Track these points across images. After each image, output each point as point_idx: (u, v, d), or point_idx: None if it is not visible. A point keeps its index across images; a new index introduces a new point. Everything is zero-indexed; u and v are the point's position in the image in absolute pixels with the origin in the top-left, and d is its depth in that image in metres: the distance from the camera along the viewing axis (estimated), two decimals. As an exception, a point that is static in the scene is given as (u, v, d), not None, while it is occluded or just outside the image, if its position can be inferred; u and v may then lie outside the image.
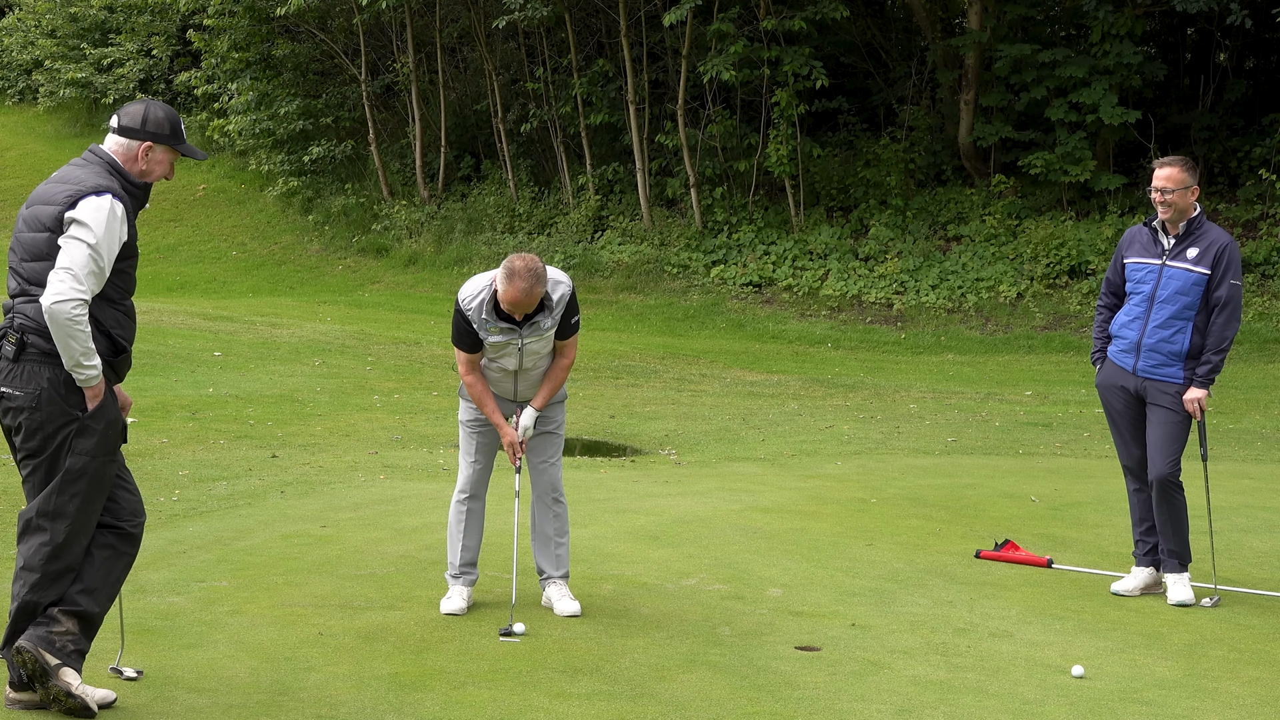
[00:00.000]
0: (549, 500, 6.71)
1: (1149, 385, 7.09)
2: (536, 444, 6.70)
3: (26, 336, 4.90)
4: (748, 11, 22.32)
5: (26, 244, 4.98)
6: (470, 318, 6.37)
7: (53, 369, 4.89)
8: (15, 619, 4.96)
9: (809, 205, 22.66)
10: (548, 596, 6.67)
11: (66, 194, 4.94)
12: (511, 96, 26.20)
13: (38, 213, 4.99)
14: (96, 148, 5.16)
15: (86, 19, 31.75)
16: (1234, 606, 7.02)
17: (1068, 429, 12.92)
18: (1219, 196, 21.19)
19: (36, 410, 4.90)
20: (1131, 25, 20.25)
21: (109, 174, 5.06)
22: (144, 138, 5.15)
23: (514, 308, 6.25)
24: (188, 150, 5.29)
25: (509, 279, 6.18)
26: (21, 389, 4.90)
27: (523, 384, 6.63)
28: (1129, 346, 7.15)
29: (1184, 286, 7.00)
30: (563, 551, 6.71)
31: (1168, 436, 7.08)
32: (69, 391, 4.91)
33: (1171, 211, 7.02)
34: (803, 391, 15.34)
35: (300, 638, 6.05)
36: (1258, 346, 18.05)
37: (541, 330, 6.43)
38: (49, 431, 4.91)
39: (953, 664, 5.98)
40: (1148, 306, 7.08)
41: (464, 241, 24.59)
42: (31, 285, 4.93)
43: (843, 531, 8.47)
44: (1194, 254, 7.02)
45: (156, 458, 10.42)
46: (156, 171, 5.23)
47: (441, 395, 14.32)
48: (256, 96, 27.04)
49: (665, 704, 5.37)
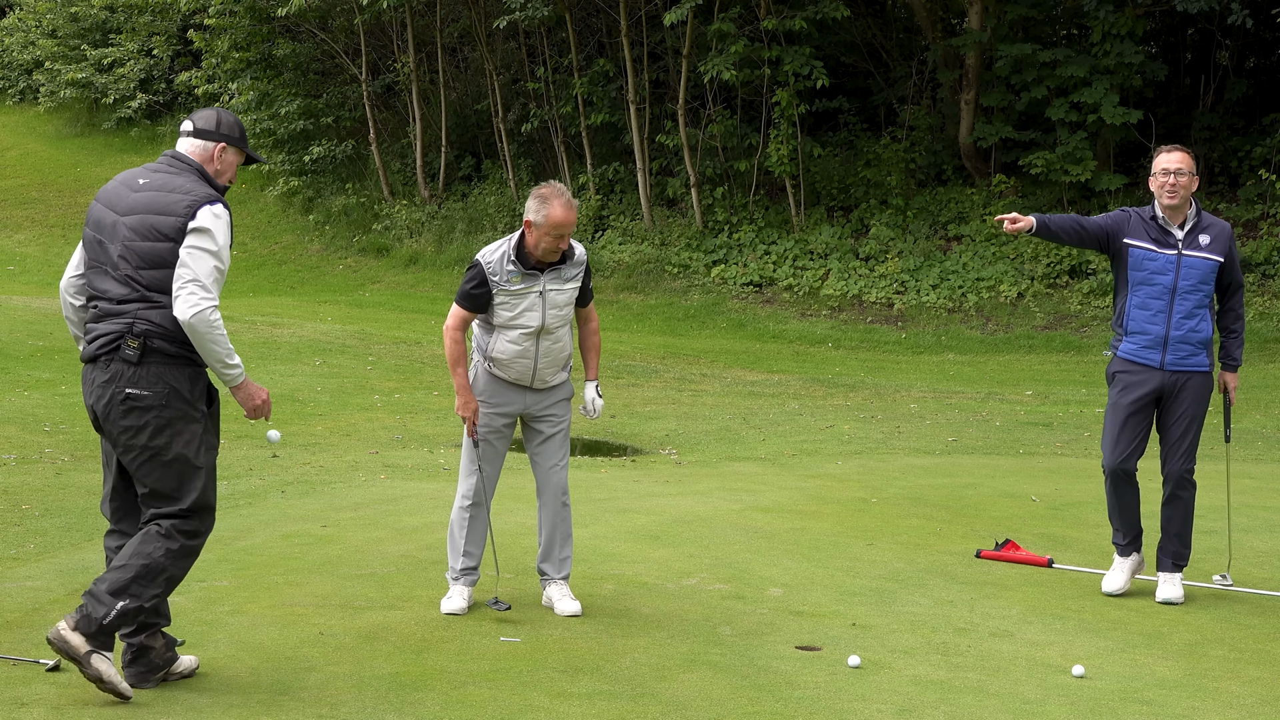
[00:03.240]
0: (558, 504, 6.67)
1: (1179, 379, 7.01)
2: (548, 448, 6.66)
3: (150, 340, 5.16)
4: (748, 11, 22.32)
5: (143, 253, 5.19)
6: (491, 270, 6.33)
7: (177, 369, 5.19)
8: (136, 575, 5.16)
9: (809, 205, 22.66)
10: (548, 596, 6.66)
11: (185, 204, 5.19)
12: (512, 96, 26.20)
13: (153, 222, 5.20)
14: (179, 154, 5.40)
15: (87, 19, 31.75)
16: (1235, 606, 7.02)
17: (1068, 429, 12.92)
18: (1219, 196, 21.19)
19: (166, 408, 5.17)
20: (1132, 25, 20.24)
21: (203, 180, 5.33)
22: (218, 139, 5.41)
23: (563, 228, 6.23)
24: (253, 154, 5.58)
25: (545, 201, 6.23)
26: (150, 389, 5.16)
27: (543, 361, 6.50)
28: (1154, 341, 7.01)
29: (1205, 275, 6.96)
30: (567, 554, 6.70)
31: (1192, 432, 7.06)
32: (193, 390, 5.24)
33: (1179, 197, 6.93)
34: (803, 391, 15.33)
35: (301, 637, 6.05)
36: (1258, 346, 18.05)
37: (563, 279, 6.41)
38: (177, 429, 5.19)
39: (953, 664, 5.98)
40: (1170, 299, 6.97)
41: (465, 241, 24.59)
42: (152, 292, 5.17)
43: (843, 531, 8.47)
44: (1206, 241, 6.99)
45: (157, 457, 10.41)
46: (227, 173, 5.46)
47: (442, 395, 14.32)
48: (257, 96, 27.04)
49: (665, 704, 5.37)
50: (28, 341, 15.74)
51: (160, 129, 30.81)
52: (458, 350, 6.49)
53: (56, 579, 6.88)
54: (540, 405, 6.63)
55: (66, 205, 28.44)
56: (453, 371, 6.53)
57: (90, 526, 8.09)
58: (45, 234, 27.26)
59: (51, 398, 12.83)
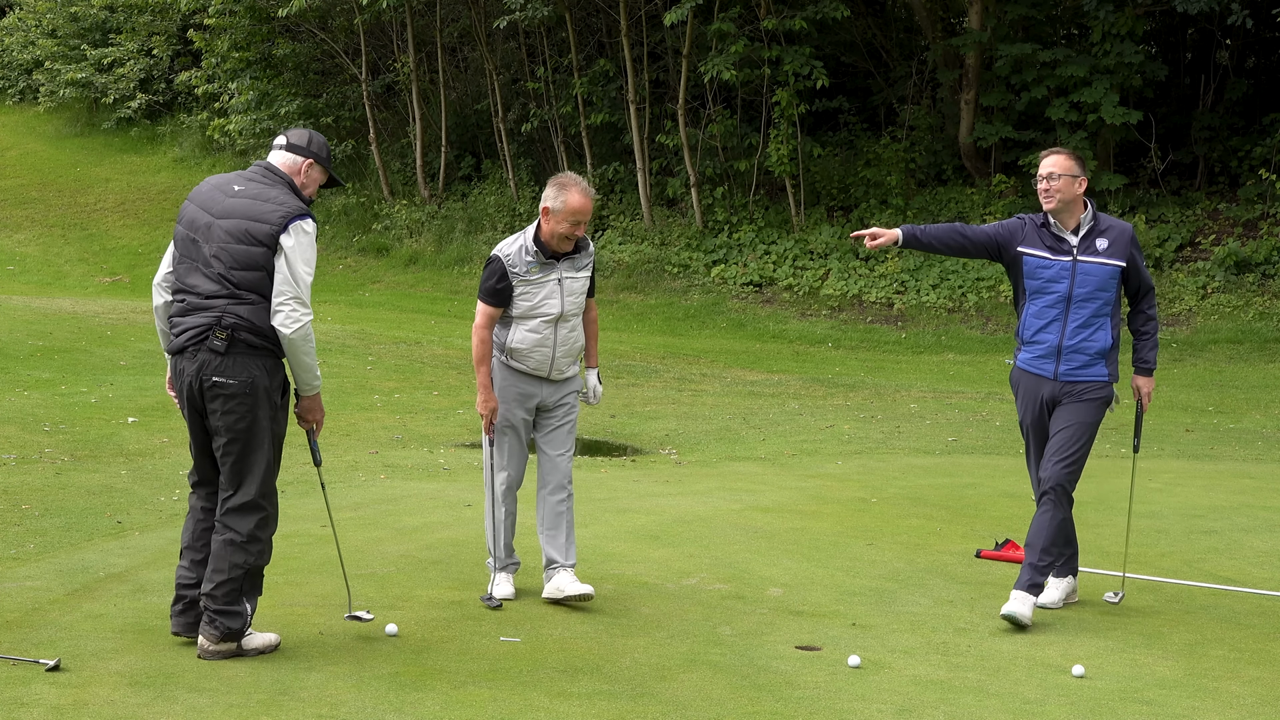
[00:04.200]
0: (563, 492, 6.78)
1: (1067, 389, 6.66)
2: (557, 436, 6.80)
3: (237, 333, 5.63)
4: (748, 11, 22.32)
5: (237, 254, 5.67)
6: (510, 263, 6.53)
7: (260, 360, 5.68)
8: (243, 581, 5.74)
9: (809, 205, 22.66)
10: (557, 584, 6.65)
11: (279, 215, 5.68)
12: (512, 96, 26.19)
13: (249, 228, 5.67)
14: (272, 166, 5.90)
15: (87, 19, 31.72)
16: (1234, 606, 7.02)
17: (1068, 429, 12.91)
18: (1219, 196, 21.19)
19: (250, 395, 5.66)
20: (1132, 25, 20.24)
21: (292, 193, 5.82)
22: (308, 155, 5.93)
23: (580, 215, 6.45)
24: (334, 176, 6.07)
25: (563, 189, 6.46)
26: (235, 378, 5.65)
27: (560, 350, 6.67)
28: (1048, 351, 6.69)
29: (1102, 281, 6.61)
30: (573, 542, 6.78)
31: (1073, 439, 6.61)
32: (272, 381, 5.72)
33: (1056, 201, 6.57)
34: (803, 391, 15.33)
35: (300, 637, 6.06)
36: (1258, 346, 18.05)
37: (577, 267, 6.64)
38: (256, 415, 5.68)
39: (953, 663, 5.98)
40: (1064, 307, 6.64)
41: (464, 241, 24.59)
42: (241, 290, 5.65)
43: (843, 531, 8.47)
44: (1104, 246, 6.62)
45: (157, 457, 10.42)
46: (311, 188, 5.94)
47: (442, 395, 14.32)
48: (257, 96, 27.03)
49: (665, 704, 5.37)
50: (28, 341, 15.74)
51: (160, 129, 30.80)
52: (484, 349, 6.64)
53: (56, 579, 6.88)
54: (555, 396, 6.78)
55: (66, 205, 28.44)
56: (477, 369, 6.66)
57: (90, 526, 8.09)
58: (45, 234, 27.25)
59: (51, 398, 12.83)
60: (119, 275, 25.19)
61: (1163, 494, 9.81)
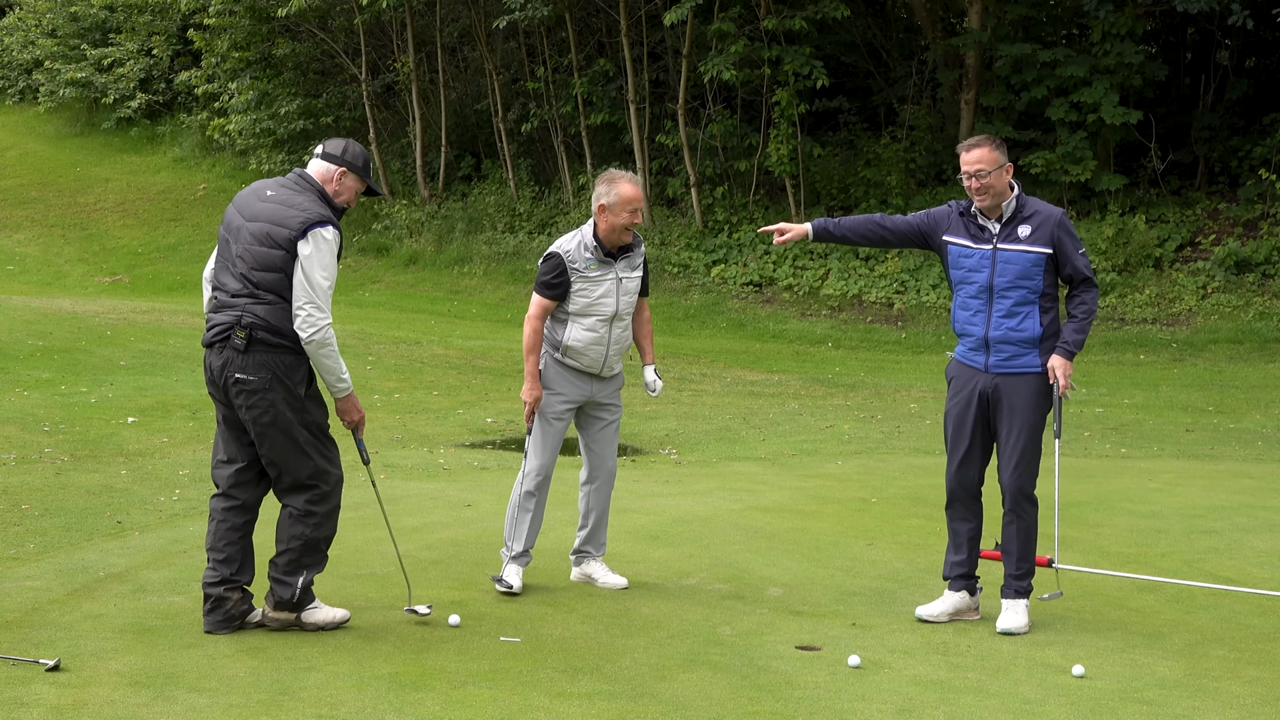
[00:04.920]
0: (608, 489, 7.09)
1: (1002, 382, 6.44)
2: (606, 434, 7.06)
3: (255, 332, 5.90)
4: (748, 11, 22.32)
5: (259, 256, 5.92)
6: (570, 259, 6.73)
7: (278, 356, 5.94)
8: (300, 553, 6.09)
9: (809, 205, 22.65)
10: (588, 573, 7.03)
11: (300, 220, 5.90)
12: (512, 96, 26.19)
13: (270, 231, 5.91)
14: (305, 174, 6.12)
15: (87, 18, 31.72)
16: (1235, 606, 7.01)
17: (1067, 428, 12.92)
18: (1219, 196, 21.19)
19: (269, 391, 5.93)
20: (1132, 25, 20.24)
21: (322, 202, 6.04)
22: (341, 164, 6.12)
23: (635, 202, 6.69)
24: (373, 185, 6.23)
25: (613, 182, 6.72)
26: (255, 374, 5.91)
27: (613, 348, 6.88)
28: (978, 343, 6.49)
29: (1025, 270, 6.32)
30: (606, 535, 7.14)
31: (1024, 442, 6.42)
32: (293, 376, 5.96)
33: (989, 197, 6.34)
34: (803, 391, 15.33)
35: (300, 637, 6.06)
36: (1258, 346, 18.04)
37: (632, 266, 6.86)
38: (278, 409, 5.94)
39: (953, 663, 5.98)
40: (987, 298, 6.42)
41: (464, 241, 24.59)
42: (261, 290, 5.92)
43: (843, 531, 8.47)
44: (1026, 232, 6.34)
45: (157, 457, 10.42)
46: (345, 195, 6.14)
47: (442, 395, 14.33)
48: (257, 96, 27.02)
49: (665, 704, 5.36)
50: (28, 341, 15.74)
51: (160, 129, 30.80)
52: (535, 339, 6.82)
53: (56, 579, 6.88)
54: (603, 393, 7.00)
55: (66, 205, 28.43)
56: (526, 357, 6.84)
57: (90, 526, 8.09)
58: (45, 234, 27.25)
59: (51, 398, 12.83)
60: (119, 275, 25.18)
61: (1163, 494, 9.81)
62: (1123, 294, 19.68)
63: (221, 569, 6.06)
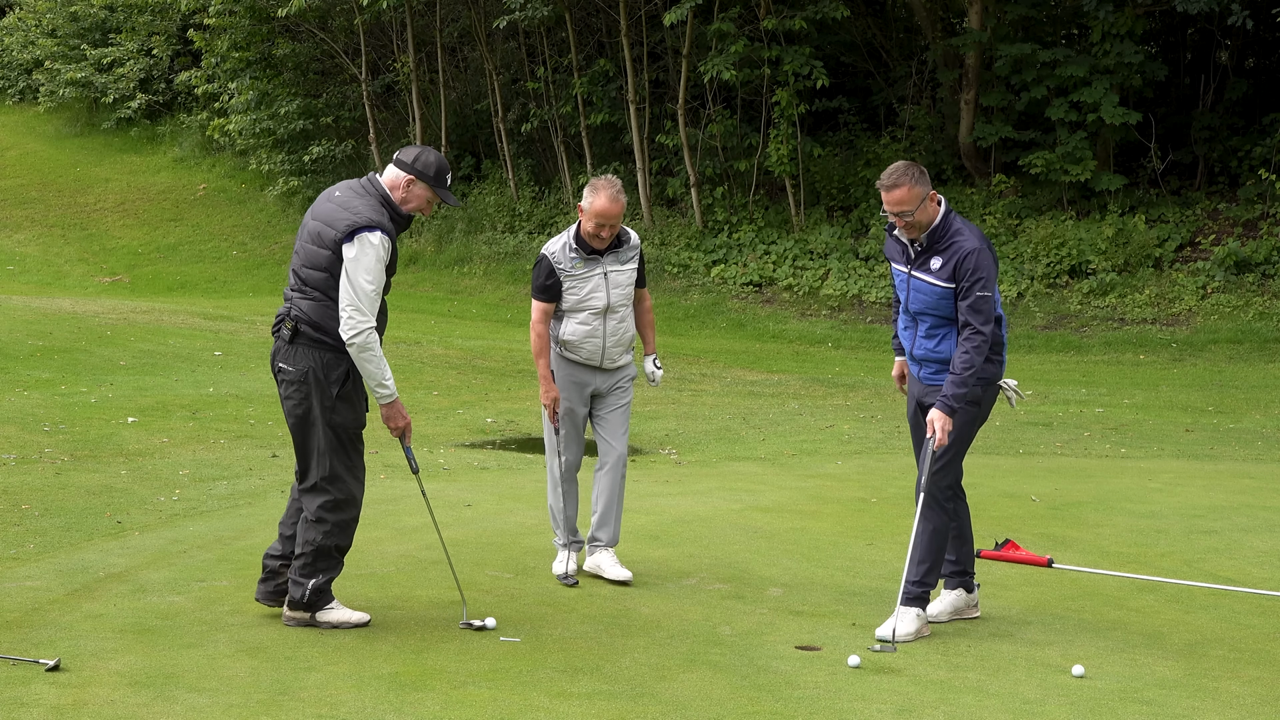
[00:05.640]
0: (619, 472, 7.20)
1: (931, 393, 6.46)
2: (614, 418, 7.21)
3: (299, 325, 6.05)
4: (748, 11, 22.32)
5: (309, 254, 6.08)
6: (555, 260, 6.98)
7: (319, 353, 6.05)
8: (314, 558, 6.16)
9: (809, 205, 22.66)
10: (596, 563, 7.16)
11: (347, 223, 5.98)
12: (512, 96, 26.19)
13: (320, 231, 6.05)
14: (375, 178, 6.19)
15: (87, 18, 31.72)
16: (1234, 606, 7.02)
17: (1068, 429, 12.92)
18: (1219, 196, 21.19)
19: (304, 384, 6.06)
20: (1132, 25, 20.24)
21: (380, 206, 6.07)
22: (410, 172, 6.14)
23: (605, 217, 6.85)
24: (444, 195, 6.20)
25: (594, 191, 6.87)
26: (294, 366, 6.08)
27: (611, 340, 7.07)
28: (912, 357, 6.61)
29: (931, 301, 6.34)
30: (619, 522, 7.25)
31: (942, 451, 6.37)
32: (329, 373, 6.05)
33: (915, 229, 6.32)
34: (803, 391, 15.34)
35: (300, 637, 6.06)
36: (1258, 346, 18.04)
37: (621, 260, 7.05)
38: (311, 403, 6.07)
39: (953, 663, 5.98)
40: (911, 318, 6.52)
41: (464, 241, 24.60)
42: (308, 287, 6.06)
43: (843, 531, 8.48)
44: (937, 264, 6.30)
45: (157, 457, 10.42)
46: (413, 204, 6.16)
47: (442, 395, 14.33)
48: (257, 96, 27.02)
49: (665, 704, 5.37)
50: (28, 341, 15.74)
51: (160, 129, 30.80)
52: (541, 343, 7.09)
53: (56, 579, 6.88)
54: (609, 383, 7.19)
55: (66, 205, 28.43)
56: (536, 362, 7.11)
57: (90, 526, 8.09)
58: (45, 234, 27.25)
59: (51, 398, 12.84)
60: (119, 275, 25.18)
61: (1162, 494, 9.81)
62: (1122, 294, 19.68)
63: (285, 545, 6.31)
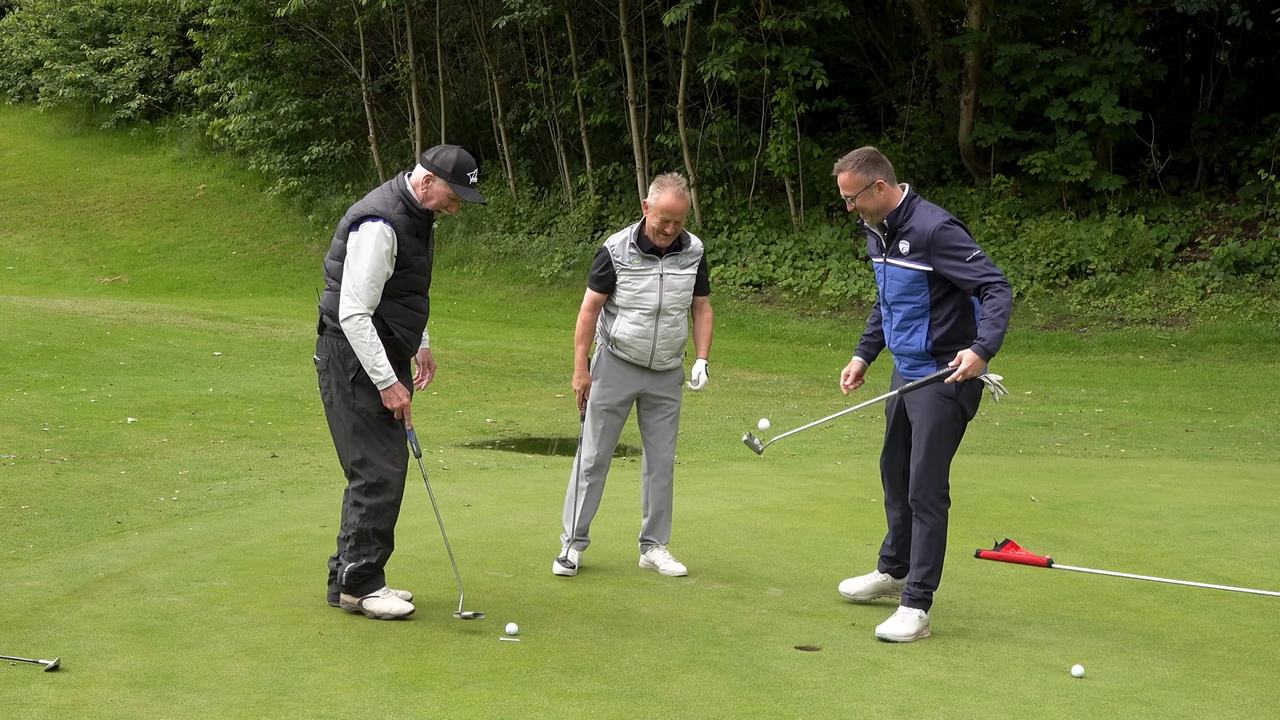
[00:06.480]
0: (667, 480, 7.43)
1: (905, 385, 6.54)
2: (662, 426, 7.37)
3: (324, 316, 6.33)
4: (748, 11, 22.32)
5: (333, 248, 6.32)
6: (614, 253, 7.07)
7: (337, 340, 6.26)
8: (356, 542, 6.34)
9: (809, 205, 22.66)
10: (651, 560, 7.37)
11: (354, 213, 6.22)
12: (511, 96, 26.20)
13: (342, 223, 6.29)
14: (403, 176, 6.33)
15: (86, 18, 31.73)
16: (1234, 606, 7.02)
17: (1068, 429, 12.92)
18: (1219, 196, 21.19)
19: (327, 372, 6.34)
20: (1132, 25, 20.25)
21: (396, 200, 6.21)
22: (429, 168, 6.27)
23: (670, 213, 6.93)
24: (462, 191, 6.28)
25: (660, 188, 6.97)
26: (321, 355, 6.37)
27: (661, 342, 7.15)
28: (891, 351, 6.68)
29: (906, 286, 6.33)
30: (669, 524, 7.48)
31: (923, 450, 6.40)
32: (345, 362, 6.25)
33: (869, 219, 6.35)
34: (803, 391, 15.34)
35: (300, 637, 6.05)
36: (1258, 346, 18.04)
37: (680, 265, 7.13)
38: (333, 391, 6.32)
39: (953, 664, 5.98)
40: (888, 309, 6.53)
41: (464, 241, 24.60)
42: (330, 277, 6.32)
43: (843, 531, 8.48)
44: (905, 248, 6.28)
45: (156, 457, 10.42)
46: (434, 200, 6.28)
47: (442, 395, 14.33)
48: (256, 96, 27.04)
49: (665, 704, 5.36)
50: (27, 341, 15.74)
51: (159, 129, 30.80)
52: (584, 330, 7.21)
53: (56, 579, 6.87)
54: (657, 387, 7.28)
55: (66, 205, 28.43)
56: (576, 346, 7.21)
57: (89, 527, 8.09)
58: (44, 234, 27.25)
59: (51, 398, 12.83)
60: (118, 275, 25.18)
61: (1162, 494, 9.81)
62: (1122, 294, 19.68)
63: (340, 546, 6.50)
